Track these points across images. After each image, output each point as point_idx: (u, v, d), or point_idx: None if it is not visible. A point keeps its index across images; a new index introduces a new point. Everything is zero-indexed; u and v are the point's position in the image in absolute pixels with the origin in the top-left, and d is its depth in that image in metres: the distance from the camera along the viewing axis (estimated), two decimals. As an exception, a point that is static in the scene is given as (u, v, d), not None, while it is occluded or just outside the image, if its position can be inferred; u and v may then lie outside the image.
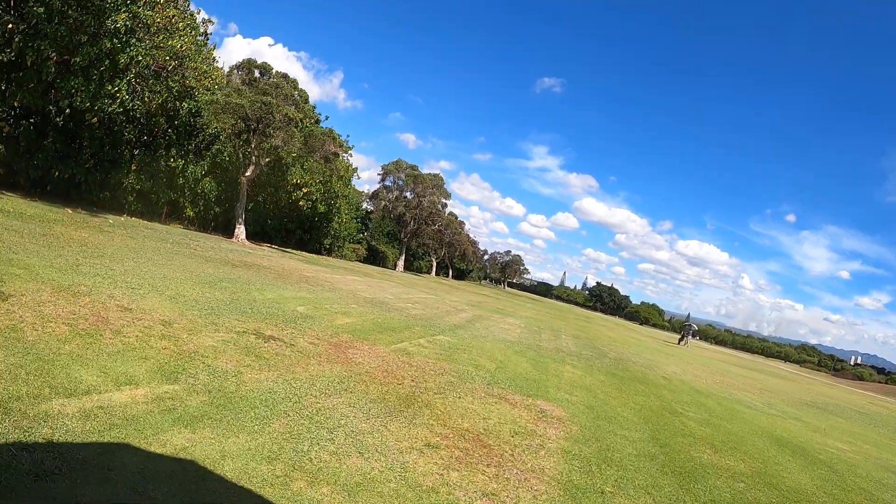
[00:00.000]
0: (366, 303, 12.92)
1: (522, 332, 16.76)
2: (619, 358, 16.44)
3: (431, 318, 13.61)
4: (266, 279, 12.56)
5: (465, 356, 8.93)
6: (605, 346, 20.21)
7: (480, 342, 11.32)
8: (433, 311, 15.48)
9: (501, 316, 21.63)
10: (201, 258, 13.70)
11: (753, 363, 51.97)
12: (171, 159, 24.42)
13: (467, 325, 14.21)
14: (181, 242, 16.47)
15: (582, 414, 6.92)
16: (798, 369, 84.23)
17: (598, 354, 15.65)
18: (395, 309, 13.31)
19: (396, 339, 8.96)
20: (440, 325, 12.67)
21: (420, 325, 11.56)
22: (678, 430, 7.77)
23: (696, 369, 20.55)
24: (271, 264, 16.67)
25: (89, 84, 18.44)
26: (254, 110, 21.55)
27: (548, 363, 10.73)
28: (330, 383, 5.67)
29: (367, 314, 10.97)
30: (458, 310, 18.61)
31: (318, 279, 15.72)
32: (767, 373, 35.77)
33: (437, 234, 46.89)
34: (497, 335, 13.66)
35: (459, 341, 10.54)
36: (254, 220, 30.39)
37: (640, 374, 13.35)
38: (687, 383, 14.59)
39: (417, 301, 17.47)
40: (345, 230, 40.16)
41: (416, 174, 42.13)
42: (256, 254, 19.56)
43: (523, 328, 18.18)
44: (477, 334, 12.69)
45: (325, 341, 7.60)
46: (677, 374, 16.29)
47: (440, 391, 6.28)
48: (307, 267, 19.37)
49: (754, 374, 27.84)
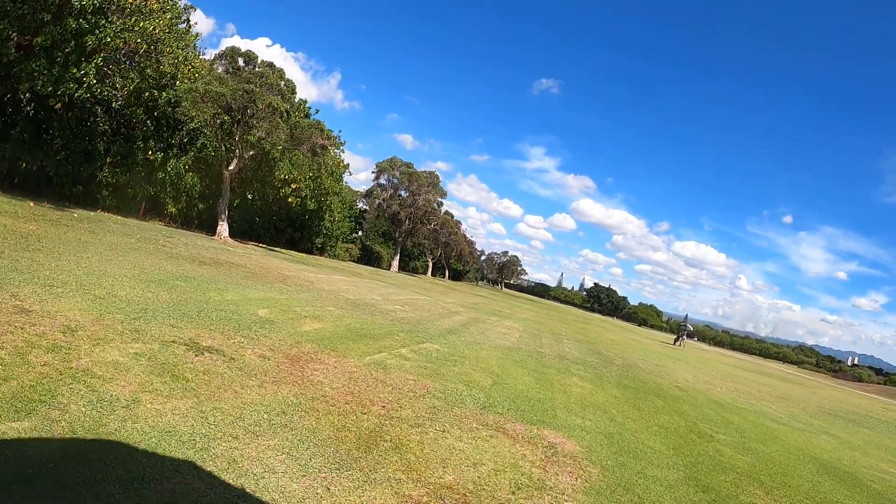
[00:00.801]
0: (347, 305, 11.39)
1: (521, 336, 15.25)
2: (627, 364, 14.95)
3: (421, 322, 12.09)
4: (234, 278, 11.03)
5: (456, 370, 7.41)
6: (609, 350, 18.72)
7: (475, 350, 9.80)
8: (424, 314, 13.96)
9: (499, 318, 20.12)
10: (166, 255, 12.16)
11: (755, 365, 50.56)
12: (150, 152, 22.88)
13: (461, 330, 12.69)
14: (150, 239, 14.93)
15: (600, 447, 5.40)
16: (798, 371, 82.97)
17: (604, 361, 14.15)
18: (379, 312, 11.79)
19: (373, 349, 7.43)
20: (430, 330, 11.15)
21: (406, 330, 10.04)
22: (715, 461, 6.27)
23: (707, 375, 19.07)
24: (248, 262, 15.14)
25: (52, 67, 16.90)
26: (235, 99, 20.01)
27: (552, 375, 9.21)
28: (266, 416, 4.15)
29: (345, 318, 9.44)
30: (452, 312, 17.09)
31: (297, 279, 14.20)
32: (773, 376, 34.33)
33: (433, 233, 45.30)
34: (494, 341, 12.15)
35: (450, 350, 9.01)
36: (241, 218, 28.84)
37: (653, 385, 11.85)
38: (703, 393, 13.10)
39: (408, 303, 15.95)
40: (337, 229, 38.62)
41: (411, 172, 40.53)
42: (236, 252, 18.02)
43: (522, 332, 16.68)
44: (471, 340, 11.17)
45: (281, 353, 6.08)
46: (690, 383, 14.80)
47: (418, 422, 4.76)
48: (290, 266, 17.83)
49: (762, 379, 26.39)
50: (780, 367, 79.01)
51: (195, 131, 25.39)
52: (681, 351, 36.13)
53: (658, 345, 35.42)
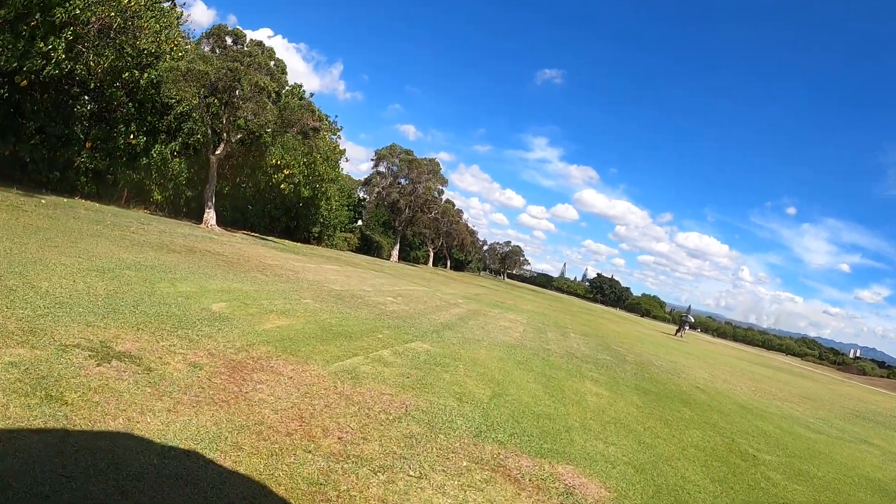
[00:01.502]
0: (328, 297, 10.05)
1: (525, 330, 13.91)
2: (640, 362, 13.60)
3: (413, 316, 10.75)
4: (200, 267, 9.70)
5: (447, 377, 6.05)
6: (619, 344, 17.37)
7: (472, 349, 8.45)
8: (419, 307, 12.61)
9: (501, 311, 18.78)
10: (130, 242, 10.84)
11: (762, 358, 49.19)
12: (132, 136, 21.50)
13: (458, 325, 11.35)
14: (121, 225, 13.62)
15: (632, 488, 4.05)
16: (803, 363, 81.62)
17: (616, 359, 12.80)
18: (366, 305, 10.44)
19: (346, 352, 6.09)
20: (423, 325, 9.80)
21: (393, 326, 8.69)
22: (770, 496, 4.93)
23: (722, 372, 17.72)
24: (228, 251, 13.81)
25: (17, 41, 15.51)
26: (220, 78, 18.58)
27: (562, 379, 7.86)
28: (156, 461, 2.81)
29: (321, 313, 8.09)
30: (451, 304, 15.75)
31: (280, 268, 12.86)
32: (784, 370, 32.95)
33: (434, 222, 43.79)
34: (495, 337, 10.81)
35: (443, 350, 7.66)
36: (232, 206, 27.49)
37: (673, 387, 10.50)
38: (726, 395, 11.75)
39: (402, 294, 14.61)
40: (335, 218, 37.25)
41: (411, 159, 38.95)
42: (219, 240, 16.70)
43: (526, 325, 15.34)
44: (469, 337, 9.83)
45: (222, 360, 4.74)
46: (709, 382, 13.46)
47: (385, 463, 3.41)
48: (277, 254, 16.50)
49: (776, 374, 25.03)
50: (785, 359, 77.61)
51: (183, 115, 24.02)
52: (687, 343, 34.82)
53: (665, 337, 34.10)
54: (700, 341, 50.69)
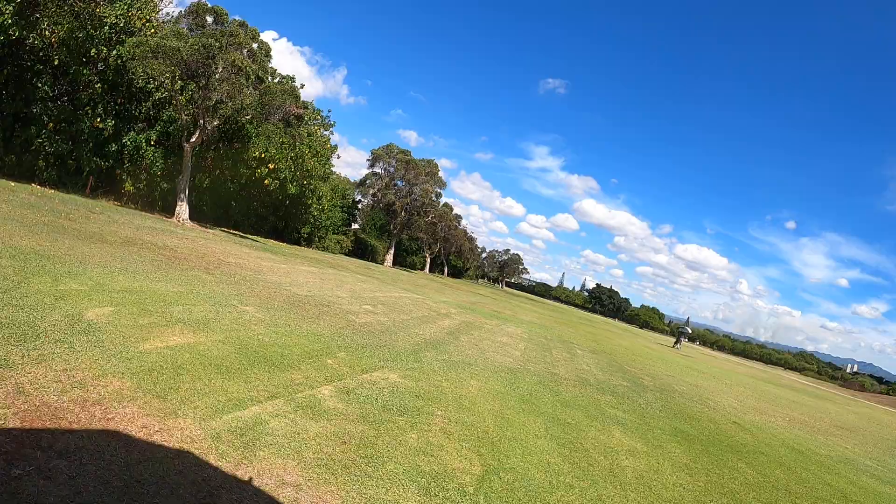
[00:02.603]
0: (283, 304, 7.92)
1: (527, 347, 11.77)
2: (661, 387, 11.46)
3: (390, 329, 8.61)
4: (123, 262, 7.58)
5: (413, 439, 3.89)
6: (630, 364, 15.24)
7: (460, 380, 6.32)
8: (400, 318, 10.48)
9: (499, 322, 16.64)
10: (51, 229, 8.74)
11: (769, 374, 46.96)
12: (99, 119, 19.46)
13: (446, 341, 9.21)
14: (61, 212, 11.49)
15: None
16: (803, 378, 79.26)
17: (634, 384, 10.65)
18: (332, 314, 8.31)
19: (260, 391, 3.94)
20: (398, 343, 7.67)
21: (356, 345, 6.55)
22: None
23: (747, 396, 15.57)
24: (182, 246, 11.69)
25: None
26: (192, 55, 16.55)
27: (582, 426, 5.72)
28: None
29: (254, 326, 5.94)
30: (441, 315, 13.60)
31: (237, 267, 10.74)
32: (797, 389, 30.75)
33: (431, 226, 41.60)
34: (491, 358, 8.67)
35: (418, 383, 5.53)
36: (214, 202, 25.40)
37: (711, 427, 8.36)
38: (769, 433, 9.61)
39: (384, 302, 12.48)
40: (327, 219, 35.16)
41: (408, 159, 36.81)
42: (182, 234, 14.58)
43: (527, 341, 13.20)
44: (458, 359, 7.69)
45: (31, 402, 2.63)
46: (742, 413, 11.31)
47: None
48: (247, 253, 14.37)
49: (797, 397, 22.84)
50: (788, 375, 75.31)
51: (162, 102, 22.02)
52: (693, 359, 32.69)
53: (673, 353, 31.97)
54: (704, 356, 48.49)
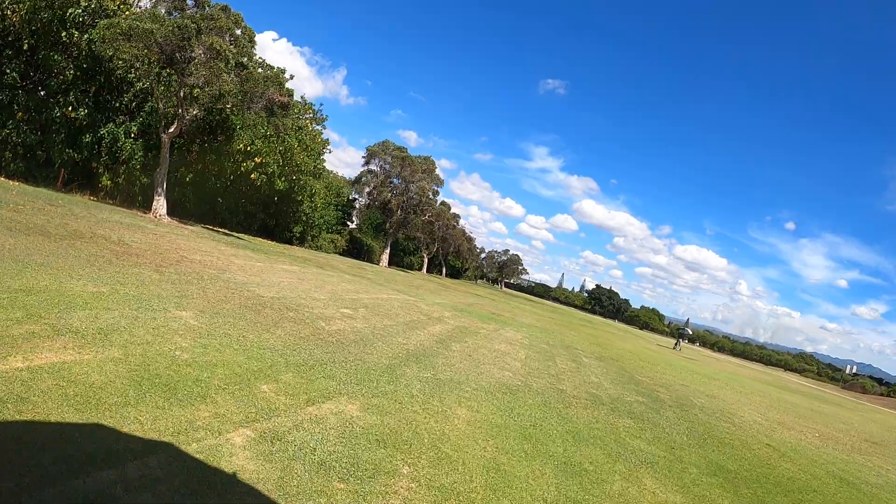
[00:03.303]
0: (236, 308, 6.56)
1: (528, 356, 10.42)
2: (679, 402, 10.11)
3: (366, 339, 7.26)
4: (49, 258, 6.23)
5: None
6: (641, 372, 13.90)
7: (443, 410, 4.96)
8: (383, 324, 9.12)
9: (497, 326, 15.29)
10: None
11: (775, 377, 45.61)
12: (71, 108, 18.13)
13: (434, 352, 7.86)
14: (11, 203, 10.15)
15: None
16: (803, 380, 77.91)
17: (651, 400, 9.30)
18: (297, 321, 6.96)
19: (128, 445, 2.61)
20: (373, 356, 6.31)
21: (312, 362, 5.19)
22: None
23: (768, 407, 14.22)
24: (142, 241, 10.32)
25: None
26: (165, 37, 15.21)
27: (603, 474, 4.34)
28: None
29: (175, 338, 4.57)
30: (433, 319, 12.25)
31: (200, 265, 9.39)
32: (807, 394, 29.40)
33: (428, 225, 40.22)
34: (486, 373, 7.33)
35: (383, 419, 4.14)
36: (198, 198, 24.03)
37: (748, 455, 7.00)
38: (808, 457, 8.27)
39: (369, 305, 11.12)
40: (320, 217, 33.81)
41: (404, 156, 35.43)
42: (151, 230, 13.20)
43: (528, 349, 11.85)
44: (445, 376, 6.35)
45: None
46: (772, 431, 9.96)
47: None
48: (220, 251, 13.01)
49: (815, 405, 21.49)
50: (789, 376, 74.00)
51: (144, 93, 20.71)
52: (697, 361, 31.37)
53: (679, 357, 30.62)
54: (706, 358, 47.17)
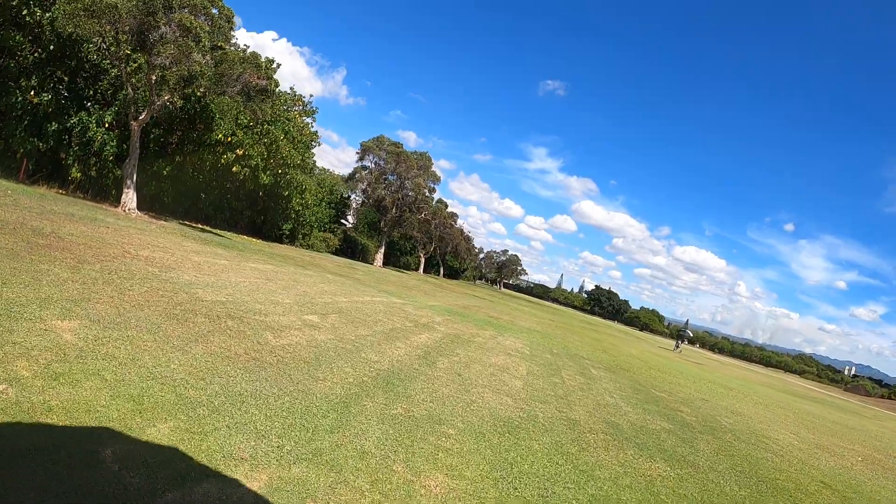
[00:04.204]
0: (152, 316, 4.98)
1: (531, 371, 8.85)
2: (708, 424, 8.53)
3: (326, 355, 5.67)
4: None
5: None
6: (656, 385, 12.33)
7: (406, 480, 3.39)
8: (356, 334, 7.54)
9: (495, 332, 13.72)
10: None
11: (784, 382, 44.07)
12: (33, 93, 16.56)
13: (414, 373, 6.28)
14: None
15: None
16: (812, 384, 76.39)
17: (678, 426, 7.71)
18: (234, 332, 5.37)
19: None
20: (327, 382, 4.73)
21: (224, 396, 3.61)
22: None
23: (794, 423, 12.64)
24: (86, 235, 8.72)
25: None
26: (130, 11, 13.65)
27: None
28: None
29: (16, 361, 3.04)
30: (421, 326, 10.66)
31: (144, 261, 7.80)
32: (818, 401, 27.87)
33: (424, 224, 38.61)
34: (478, 401, 5.75)
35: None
36: (179, 193, 22.41)
37: None
38: (868, 496, 6.70)
39: (346, 310, 9.54)
40: (312, 215, 32.21)
41: (399, 152, 33.79)
42: (110, 224, 11.60)
43: (530, 360, 10.27)
44: (422, 412, 4.76)
45: None
46: (811, 456, 8.38)
47: None
48: (183, 248, 11.42)
49: (832, 414, 19.91)
50: (792, 379, 72.48)
51: (119, 80, 19.15)
52: (704, 366, 29.84)
53: (689, 364, 29.03)
54: (710, 360, 45.64)
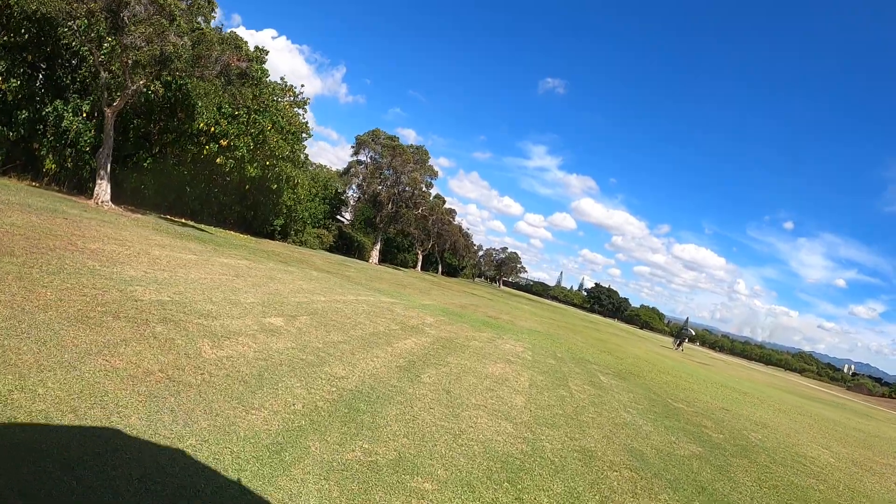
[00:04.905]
0: (56, 319, 3.79)
1: (534, 383, 7.68)
2: (738, 442, 7.37)
3: (276, 370, 4.49)
4: None
5: None
6: (671, 394, 11.16)
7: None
8: (326, 341, 6.37)
9: (493, 334, 12.56)
10: None
11: (791, 383, 42.98)
12: (0, 78, 15.38)
13: (389, 392, 5.11)
14: None
15: None
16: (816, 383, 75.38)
17: (708, 449, 6.53)
18: (156, 340, 4.20)
19: None
20: (269, 407, 3.55)
21: (77, 446, 2.47)
22: None
23: (820, 433, 11.47)
24: (29, 225, 7.53)
25: None
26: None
27: None
28: None
29: None
30: (409, 329, 9.49)
31: (87, 253, 6.61)
32: (828, 402, 26.75)
33: (422, 220, 37.40)
34: (470, 428, 4.57)
35: None
36: (162, 185, 21.15)
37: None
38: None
39: (322, 311, 8.36)
40: (305, 210, 31.02)
41: (395, 145, 32.55)
42: (70, 216, 10.40)
43: (533, 368, 9.11)
44: (389, 455, 3.59)
45: None
46: (853, 479, 7.20)
47: None
48: (147, 240, 10.22)
49: (850, 419, 18.74)
50: (794, 378, 71.49)
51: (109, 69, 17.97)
52: (710, 367, 28.73)
53: (697, 365, 27.87)
54: (716, 360, 44.55)
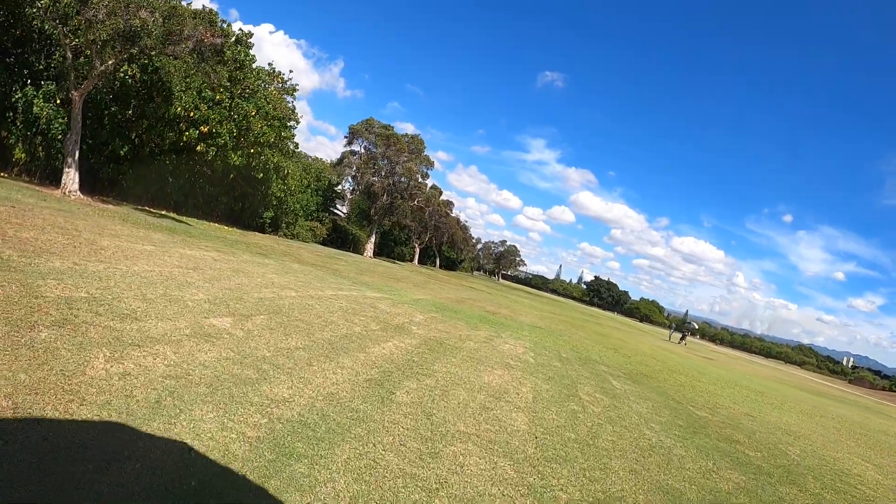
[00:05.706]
0: None
1: (538, 391, 6.49)
2: (776, 461, 6.17)
3: (182, 393, 3.29)
4: None
5: None
6: (689, 399, 10.00)
7: None
8: (281, 346, 5.16)
9: (491, 332, 11.37)
10: None
11: (797, 378, 41.91)
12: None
13: (347, 421, 3.89)
14: None
15: None
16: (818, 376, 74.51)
17: (750, 474, 5.30)
18: (37, 352, 3.01)
19: None
20: (128, 467, 2.37)
21: None
22: None
23: (847, 438, 10.29)
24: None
25: None
26: (48, -52, 11.15)
27: None
28: None
29: None
30: (392, 329, 8.28)
31: (14, 243, 5.41)
32: (840, 399, 25.66)
33: (418, 212, 36.12)
34: (450, 485, 3.41)
35: None
36: (138, 175, 19.88)
37: None
38: None
39: (287, 308, 7.14)
40: (296, 202, 29.78)
41: (390, 134, 31.20)
42: (21, 203, 9.16)
43: (535, 374, 7.92)
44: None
45: None
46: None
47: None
48: (105, 231, 8.96)
49: (869, 420, 17.62)
50: (795, 370, 70.55)
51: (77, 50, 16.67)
52: (716, 362, 27.63)
53: (697, 357, 26.71)
54: (719, 354, 43.52)
